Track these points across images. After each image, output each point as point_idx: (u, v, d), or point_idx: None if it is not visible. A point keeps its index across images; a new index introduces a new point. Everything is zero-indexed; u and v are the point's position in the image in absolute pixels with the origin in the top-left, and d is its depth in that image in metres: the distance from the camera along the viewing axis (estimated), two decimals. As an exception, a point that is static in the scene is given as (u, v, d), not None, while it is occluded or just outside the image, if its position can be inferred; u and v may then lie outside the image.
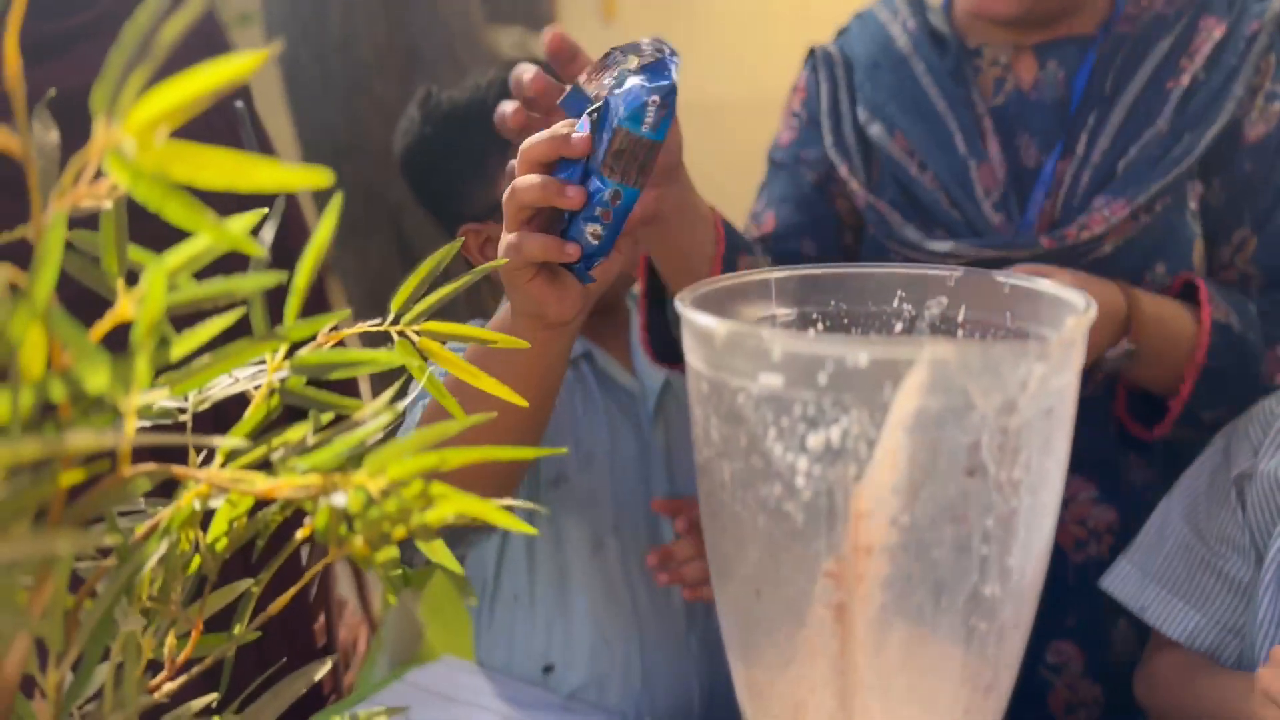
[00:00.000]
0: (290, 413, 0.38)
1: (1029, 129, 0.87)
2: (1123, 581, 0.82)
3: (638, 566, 0.99)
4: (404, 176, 1.05)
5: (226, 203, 0.38)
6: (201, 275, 0.31)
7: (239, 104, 0.89)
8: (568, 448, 0.97)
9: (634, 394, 1.00)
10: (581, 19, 3.31)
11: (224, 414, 0.53)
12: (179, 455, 0.37)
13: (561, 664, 1.00)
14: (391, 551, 0.34)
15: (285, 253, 0.42)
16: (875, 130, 0.89)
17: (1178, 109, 0.83)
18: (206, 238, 0.31)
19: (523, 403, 0.42)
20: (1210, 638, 0.77)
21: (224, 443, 0.31)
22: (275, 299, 0.34)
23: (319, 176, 0.26)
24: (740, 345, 0.34)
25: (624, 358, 1.02)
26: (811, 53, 0.97)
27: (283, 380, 0.38)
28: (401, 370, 0.41)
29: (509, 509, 0.33)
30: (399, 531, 0.33)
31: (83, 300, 0.34)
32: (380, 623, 1.26)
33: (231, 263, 0.32)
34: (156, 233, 0.33)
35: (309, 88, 1.61)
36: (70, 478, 0.28)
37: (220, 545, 0.38)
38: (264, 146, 0.97)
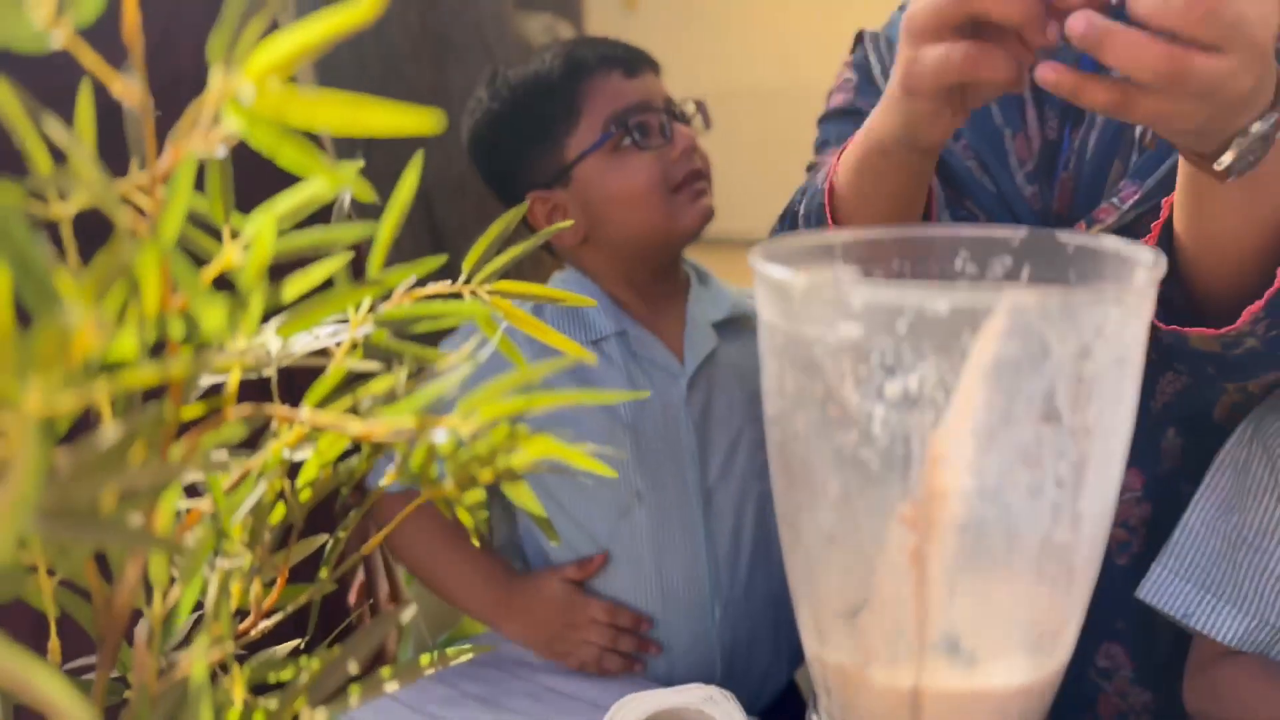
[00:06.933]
0: (353, 377, 0.39)
1: (1050, 98, 0.84)
2: (1161, 589, 0.79)
3: (663, 534, 1.04)
4: (472, 156, 1.14)
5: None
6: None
7: None
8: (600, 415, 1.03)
9: (670, 370, 1.04)
10: (604, 7, 3.32)
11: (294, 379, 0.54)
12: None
13: None
14: (479, 494, 0.35)
15: None
16: None
17: None
18: (309, 187, 0.32)
19: (590, 358, 0.44)
20: (1261, 638, 0.75)
21: (339, 362, 0.32)
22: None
23: (431, 121, 0.27)
24: (818, 296, 0.35)
25: (671, 331, 1.07)
26: (859, 36, 0.98)
27: (366, 335, 0.39)
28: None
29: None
30: (486, 474, 0.34)
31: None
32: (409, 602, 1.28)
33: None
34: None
35: (342, 74, 1.63)
36: (190, 411, 0.29)
37: (305, 495, 0.39)
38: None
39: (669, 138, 1.03)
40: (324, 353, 0.40)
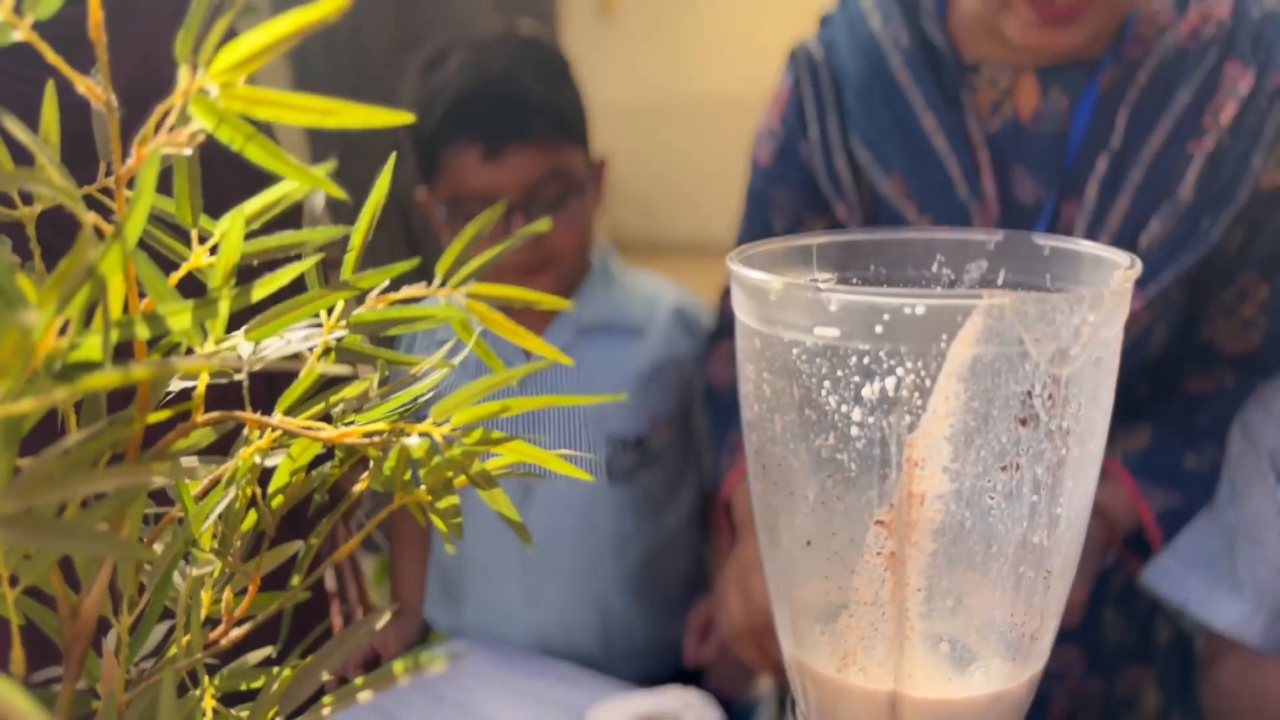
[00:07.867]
0: (326, 382, 0.39)
1: (1024, 162, 0.81)
2: (1162, 576, 0.80)
3: (482, 513, 1.13)
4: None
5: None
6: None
7: None
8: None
9: (512, 364, 1.09)
10: (581, 13, 3.31)
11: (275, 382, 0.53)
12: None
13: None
14: (453, 499, 0.35)
15: None
16: (868, 162, 0.84)
17: (1202, 179, 0.77)
18: (278, 188, 0.31)
19: (567, 361, 0.43)
20: (1259, 624, 0.75)
21: (312, 366, 0.32)
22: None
23: (401, 117, 0.27)
24: (796, 299, 0.35)
25: (541, 328, 1.10)
26: (793, 56, 0.91)
27: (339, 339, 0.38)
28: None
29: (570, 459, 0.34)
30: (460, 479, 0.34)
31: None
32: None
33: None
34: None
35: (317, 81, 1.62)
36: (155, 417, 0.29)
37: (276, 501, 0.39)
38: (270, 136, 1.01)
39: (507, 232, 1.03)
40: (298, 357, 0.39)
